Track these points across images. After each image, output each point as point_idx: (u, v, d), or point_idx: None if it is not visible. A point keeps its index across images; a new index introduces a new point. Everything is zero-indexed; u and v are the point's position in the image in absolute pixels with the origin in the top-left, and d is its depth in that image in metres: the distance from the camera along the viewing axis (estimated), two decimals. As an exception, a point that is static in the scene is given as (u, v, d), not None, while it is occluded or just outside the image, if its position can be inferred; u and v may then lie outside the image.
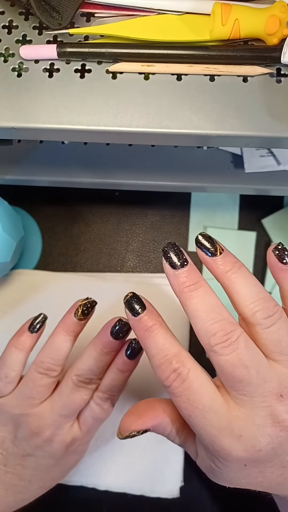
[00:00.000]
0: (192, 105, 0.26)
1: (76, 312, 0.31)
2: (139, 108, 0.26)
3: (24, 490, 0.31)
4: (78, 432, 0.32)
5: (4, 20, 0.28)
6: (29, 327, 0.32)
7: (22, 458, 0.31)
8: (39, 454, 0.31)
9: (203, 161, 0.40)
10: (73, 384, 0.30)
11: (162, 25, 0.27)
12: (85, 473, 0.40)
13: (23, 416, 0.30)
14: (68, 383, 0.30)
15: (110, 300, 0.44)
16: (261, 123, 0.25)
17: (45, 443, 0.31)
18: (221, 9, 0.25)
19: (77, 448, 0.33)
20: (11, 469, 0.31)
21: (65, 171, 0.40)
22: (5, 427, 0.31)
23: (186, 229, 0.46)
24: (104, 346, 0.30)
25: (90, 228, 0.47)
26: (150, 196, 0.47)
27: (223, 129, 0.25)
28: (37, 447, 0.31)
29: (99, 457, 0.40)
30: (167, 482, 0.40)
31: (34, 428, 0.30)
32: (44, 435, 0.30)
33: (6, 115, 0.26)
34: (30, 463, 0.31)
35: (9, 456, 0.31)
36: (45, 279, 0.45)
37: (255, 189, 0.40)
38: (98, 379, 0.31)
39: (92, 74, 0.27)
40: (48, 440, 0.31)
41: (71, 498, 0.34)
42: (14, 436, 0.31)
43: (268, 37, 0.26)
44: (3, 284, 0.45)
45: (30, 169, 0.40)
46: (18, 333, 0.32)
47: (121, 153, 0.40)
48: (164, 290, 0.44)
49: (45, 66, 0.27)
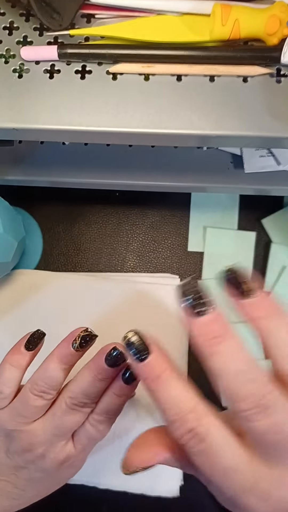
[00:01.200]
0: (192, 105, 0.26)
1: (74, 342, 0.29)
2: (140, 109, 0.26)
3: (18, 497, 0.31)
4: (72, 450, 0.30)
5: (5, 21, 0.28)
6: (25, 345, 0.30)
7: (15, 469, 0.30)
8: (32, 468, 0.30)
9: (203, 161, 0.40)
10: (67, 406, 0.29)
11: (162, 26, 0.27)
12: (85, 472, 0.40)
13: (16, 432, 0.29)
14: (61, 405, 0.29)
15: (111, 300, 0.44)
16: (261, 123, 0.25)
17: (38, 459, 0.30)
18: (221, 10, 0.25)
19: (72, 464, 0.31)
20: (5, 477, 0.30)
21: (66, 172, 0.40)
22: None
23: (186, 229, 0.46)
24: (99, 372, 0.28)
25: (90, 228, 0.47)
26: (150, 196, 0.47)
27: (223, 130, 0.25)
28: (29, 461, 0.30)
29: (99, 456, 0.40)
30: (167, 481, 0.40)
31: (26, 445, 0.29)
32: (36, 452, 0.29)
33: (7, 116, 0.26)
34: (23, 475, 0.30)
35: (2, 466, 0.30)
36: (46, 279, 0.45)
37: (254, 189, 0.40)
38: (93, 403, 0.30)
39: (92, 75, 0.27)
40: (41, 456, 0.30)
41: (71, 496, 0.34)
42: (7, 448, 0.30)
43: (268, 37, 0.26)
44: (4, 284, 0.45)
45: (31, 169, 0.40)
46: (14, 349, 0.30)
47: (121, 154, 0.40)
48: (163, 290, 0.44)
49: (46, 67, 0.27)
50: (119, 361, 0.28)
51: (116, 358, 0.28)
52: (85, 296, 0.44)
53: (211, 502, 0.41)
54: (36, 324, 0.44)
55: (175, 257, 0.46)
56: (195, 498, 0.41)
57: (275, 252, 0.45)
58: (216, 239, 0.45)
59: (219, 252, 0.45)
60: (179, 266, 0.46)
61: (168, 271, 0.46)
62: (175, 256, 0.46)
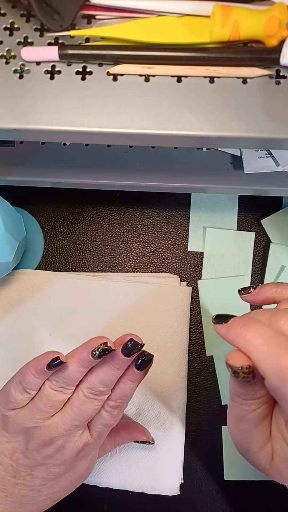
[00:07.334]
0: (192, 106, 0.26)
1: (93, 352, 0.30)
2: (140, 110, 0.26)
3: (32, 501, 0.32)
4: (89, 438, 0.32)
5: (5, 22, 0.28)
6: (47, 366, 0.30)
7: (32, 468, 0.31)
8: (50, 462, 0.31)
9: (202, 162, 0.40)
10: (84, 396, 0.31)
11: (162, 27, 0.27)
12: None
13: (36, 428, 0.31)
14: (79, 395, 0.31)
15: (111, 299, 0.44)
16: (260, 124, 0.26)
17: (57, 451, 0.31)
18: (221, 11, 0.25)
19: (87, 453, 0.33)
20: (21, 480, 0.31)
21: (67, 172, 0.40)
22: (16, 438, 0.31)
23: (186, 229, 0.47)
24: (116, 362, 0.30)
25: (91, 229, 0.47)
26: (151, 197, 0.47)
27: (222, 131, 0.26)
28: (48, 456, 0.31)
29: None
30: (167, 479, 0.40)
31: (47, 439, 0.31)
32: (56, 444, 0.31)
33: (8, 117, 0.26)
34: (40, 472, 0.31)
35: (19, 467, 0.31)
36: (47, 279, 0.45)
37: (254, 190, 0.40)
38: (109, 391, 0.32)
39: (93, 76, 0.27)
40: (60, 448, 0.31)
41: (72, 495, 0.34)
42: (25, 448, 0.31)
43: (268, 39, 0.26)
44: (5, 284, 0.45)
45: (32, 170, 0.40)
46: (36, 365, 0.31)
47: (122, 155, 0.40)
48: (163, 290, 0.44)
49: (47, 68, 0.27)
50: (134, 351, 0.30)
51: (132, 348, 0.30)
52: (86, 296, 0.45)
53: (211, 500, 0.41)
54: (37, 324, 0.44)
55: (175, 257, 0.46)
56: (195, 496, 0.41)
57: (274, 252, 0.45)
58: (216, 239, 0.46)
59: (219, 252, 0.45)
60: (179, 266, 0.46)
61: (168, 271, 0.46)
62: (175, 256, 0.46)
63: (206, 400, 0.43)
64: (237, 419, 0.27)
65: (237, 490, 0.41)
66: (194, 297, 0.45)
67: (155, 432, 0.41)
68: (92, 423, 0.32)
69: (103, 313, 0.44)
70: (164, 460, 0.41)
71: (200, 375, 0.43)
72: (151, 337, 0.43)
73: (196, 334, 0.44)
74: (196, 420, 0.43)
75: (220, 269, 0.45)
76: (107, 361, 0.31)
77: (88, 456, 0.33)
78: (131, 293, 0.44)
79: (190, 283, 0.45)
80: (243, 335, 0.24)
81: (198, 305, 0.45)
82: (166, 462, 0.41)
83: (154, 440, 0.40)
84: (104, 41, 0.27)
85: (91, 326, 0.44)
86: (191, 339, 0.44)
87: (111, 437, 0.37)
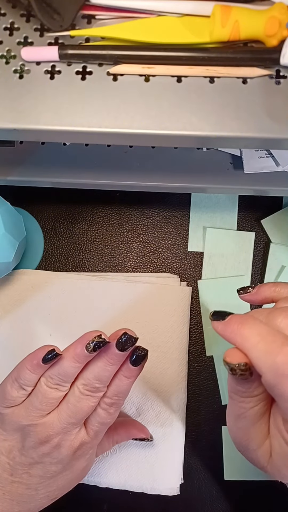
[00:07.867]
0: (192, 106, 0.26)
1: (88, 346, 0.30)
2: (140, 110, 0.26)
3: (29, 499, 0.32)
4: (86, 437, 0.32)
5: (5, 21, 0.28)
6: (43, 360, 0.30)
7: (29, 466, 0.31)
8: (47, 461, 0.31)
9: (202, 162, 0.40)
10: (80, 393, 0.31)
11: (162, 27, 0.27)
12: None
13: (32, 426, 0.31)
14: (75, 392, 0.31)
15: (111, 299, 0.44)
16: (260, 124, 0.26)
17: (54, 449, 0.31)
18: (221, 11, 0.25)
19: (84, 452, 0.33)
20: (18, 478, 0.31)
21: (67, 172, 0.40)
22: (13, 436, 0.31)
23: (186, 229, 0.47)
24: (110, 357, 0.30)
25: (91, 229, 0.47)
26: (151, 197, 0.47)
27: (222, 131, 0.26)
28: (45, 454, 0.31)
29: (100, 455, 0.40)
30: (167, 479, 0.40)
31: (43, 437, 0.31)
32: (52, 442, 0.31)
33: (8, 117, 0.26)
34: (37, 471, 0.31)
35: (16, 465, 0.31)
36: (47, 279, 0.45)
37: (254, 190, 0.40)
38: (104, 387, 0.32)
39: (93, 76, 0.27)
40: (57, 446, 0.31)
41: (72, 495, 0.34)
42: (21, 446, 0.31)
43: (268, 39, 0.26)
44: (5, 284, 0.45)
45: (32, 170, 0.40)
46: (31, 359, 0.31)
47: (122, 154, 0.40)
48: (163, 290, 0.44)
49: (47, 68, 0.27)
50: (128, 344, 0.30)
51: (126, 342, 0.30)
52: (86, 296, 0.45)
53: (211, 500, 0.41)
54: (38, 324, 0.44)
55: (175, 257, 0.46)
56: (195, 496, 0.41)
57: (274, 252, 0.45)
58: (216, 239, 0.46)
59: (219, 252, 0.45)
60: (179, 266, 0.46)
61: (168, 271, 0.46)
62: (175, 256, 0.46)
63: (206, 400, 0.43)
64: (235, 416, 0.27)
65: (237, 490, 0.41)
66: (194, 297, 0.45)
67: (155, 432, 0.41)
68: (89, 421, 0.32)
69: (103, 313, 0.44)
70: (164, 460, 0.41)
71: (200, 375, 0.43)
72: (151, 337, 0.43)
73: (196, 334, 0.44)
74: (196, 420, 0.43)
75: (220, 269, 0.45)
76: (101, 356, 0.30)
77: (86, 455, 0.33)
78: (131, 293, 0.44)
79: (190, 283, 0.45)
80: (240, 333, 0.24)
81: (198, 305, 0.45)
82: (166, 462, 0.41)
83: (155, 440, 0.40)
84: (104, 41, 0.27)
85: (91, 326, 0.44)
86: (191, 339, 0.44)
87: (109, 436, 0.37)
